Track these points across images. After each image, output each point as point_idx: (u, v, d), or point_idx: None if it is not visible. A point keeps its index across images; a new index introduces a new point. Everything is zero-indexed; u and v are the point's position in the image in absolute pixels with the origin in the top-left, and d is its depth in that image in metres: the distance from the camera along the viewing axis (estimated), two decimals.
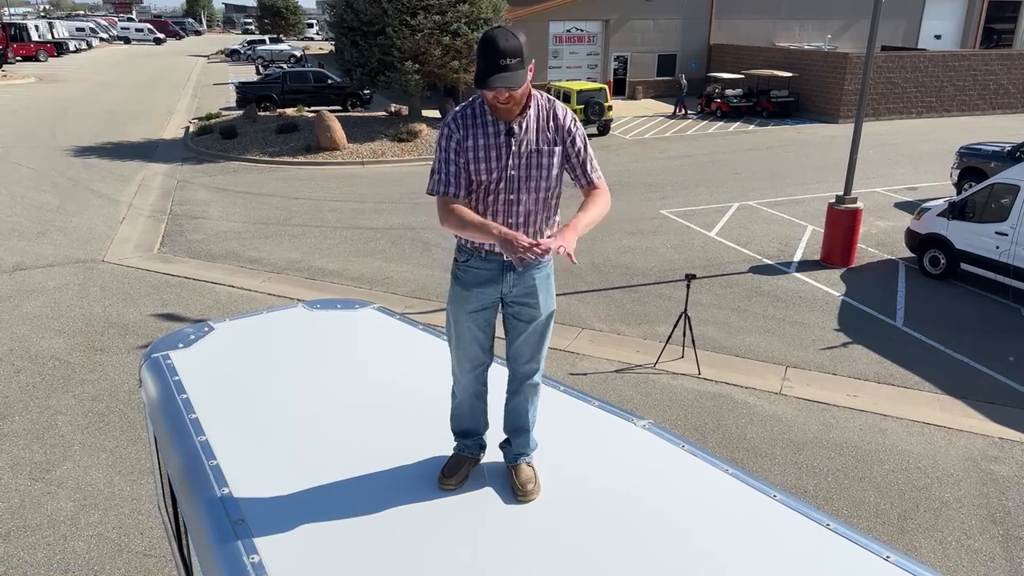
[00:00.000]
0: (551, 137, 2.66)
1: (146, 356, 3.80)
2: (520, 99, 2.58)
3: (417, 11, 21.48)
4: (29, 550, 5.87)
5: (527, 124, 2.64)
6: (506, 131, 2.62)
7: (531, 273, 2.72)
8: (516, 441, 2.82)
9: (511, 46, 2.45)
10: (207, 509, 2.54)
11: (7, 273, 11.85)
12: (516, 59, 2.46)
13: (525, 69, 2.50)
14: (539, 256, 2.41)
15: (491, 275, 2.71)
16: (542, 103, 2.68)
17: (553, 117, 2.68)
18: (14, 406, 8.00)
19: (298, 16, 72.14)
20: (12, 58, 47.68)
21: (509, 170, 2.63)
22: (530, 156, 2.64)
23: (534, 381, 2.85)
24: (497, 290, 2.73)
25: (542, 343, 2.82)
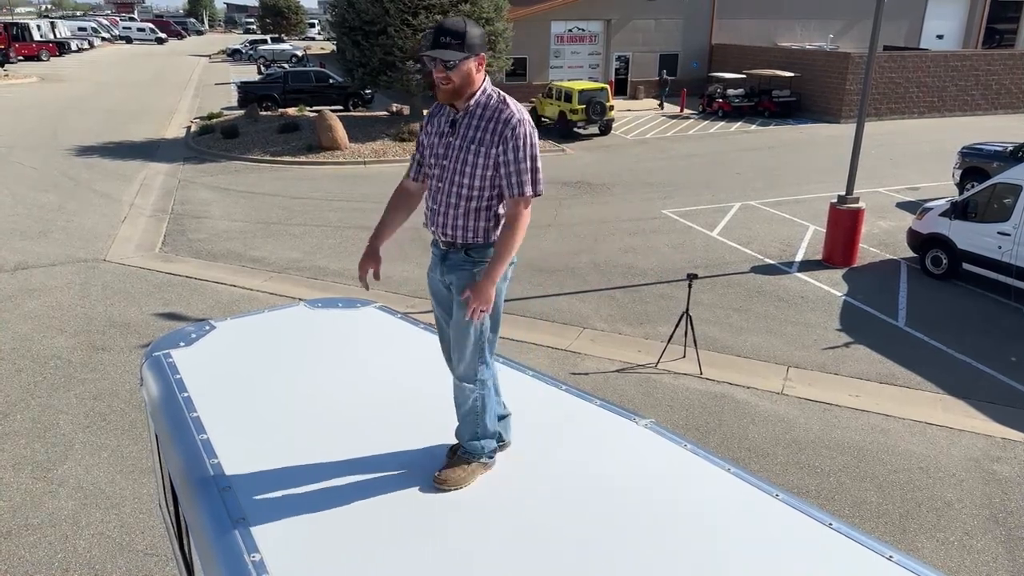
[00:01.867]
0: (488, 138, 2.65)
1: (147, 355, 3.79)
2: (458, 84, 2.63)
3: (419, 11, 21.48)
4: (30, 549, 5.88)
5: (470, 119, 2.70)
6: (449, 121, 2.74)
7: (458, 269, 2.79)
8: (458, 434, 2.89)
9: (452, 28, 2.58)
10: (208, 507, 2.53)
11: (9, 272, 11.86)
12: (456, 41, 2.56)
13: (464, 54, 2.57)
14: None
15: (435, 260, 2.91)
16: (493, 102, 2.68)
17: (499, 120, 2.65)
18: (16, 405, 8.00)
19: (300, 16, 72.17)
20: (14, 58, 47.72)
21: (442, 159, 2.74)
22: (461, 150, 2.69)
23: (458, 380, 2.84)
24: (437, 275, 2.89)
25: (463, 341, 2.76)
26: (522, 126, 2.65)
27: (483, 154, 2.66)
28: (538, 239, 13.90)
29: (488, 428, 2.83)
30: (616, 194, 17.49)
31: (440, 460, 2.83)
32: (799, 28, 36.00)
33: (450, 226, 2.74)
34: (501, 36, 23.52)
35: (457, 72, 2.60)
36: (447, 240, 2.76)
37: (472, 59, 2.62)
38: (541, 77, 31.81)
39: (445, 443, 2.92)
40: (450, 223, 2.74)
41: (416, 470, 2.81)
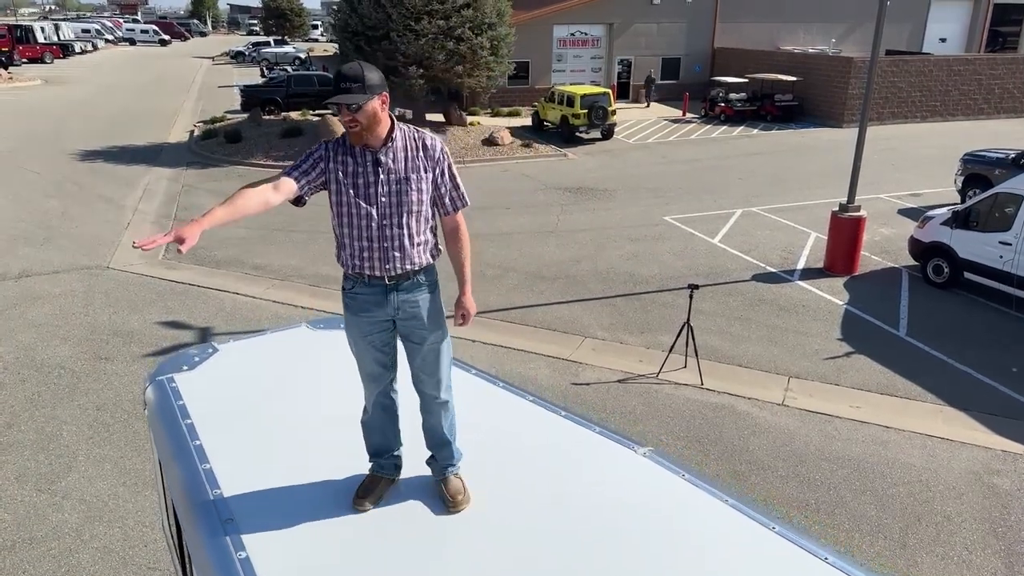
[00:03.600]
0: (421, 164, 2.87)
1: (151, 379, 3.83)
2: (365, 124, 2.75)
3: (421, 16, 21.53)
4: (34, 563, 5.91)
5: (395, 154, 2.83)
6: (373, 160, 2.82)
7: (413, 295, 2.90)
8: (439, 455, 2.97)
9: (352, 73, 2.73)
10: (210, 540, 2.56)
11: (13, 280, 11.92)
12: (356, 84, 2.70)
13: (367, 96, 2.71)
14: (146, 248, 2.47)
15: (376, 299, 2.90)
16: (409, 134, 2.89)
17: (425, 146, 2.89)
18: (19, 416, 8.04)
19: (303, 18, 72.27)
20: (18, 60, 47.89)
21: (378, 196, 2.81)
22: (400, 183, 2.82)
23: (441, 399, 2.98)
24: (385, 312, 2.91)
25: (438, 363, 2.96)
26: (444, 147, 2.95)
27: (423, 179, 2.86)
28: (539, 246, 13.93)
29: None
30: (618, 200, 17.52)
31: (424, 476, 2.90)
32: (802, 32, 36.00)
33: (406, 257, 2.86)
34: (503, 41, 23.57)
35: (363, 113, 2.73)
36: (400, 272, 2.85)
37: (375, 98, 2.74)
38: (543, 81, 31.86)
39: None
40: (406, 254, 2.86)
41: (421, 493, 2.86)
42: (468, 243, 3.07)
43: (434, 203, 2.96)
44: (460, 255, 3.05)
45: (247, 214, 2.68)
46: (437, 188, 2.93)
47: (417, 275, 2.90)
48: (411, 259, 2.86)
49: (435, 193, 2.94)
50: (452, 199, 2.97)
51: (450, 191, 2.96)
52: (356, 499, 2.79)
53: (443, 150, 2.94)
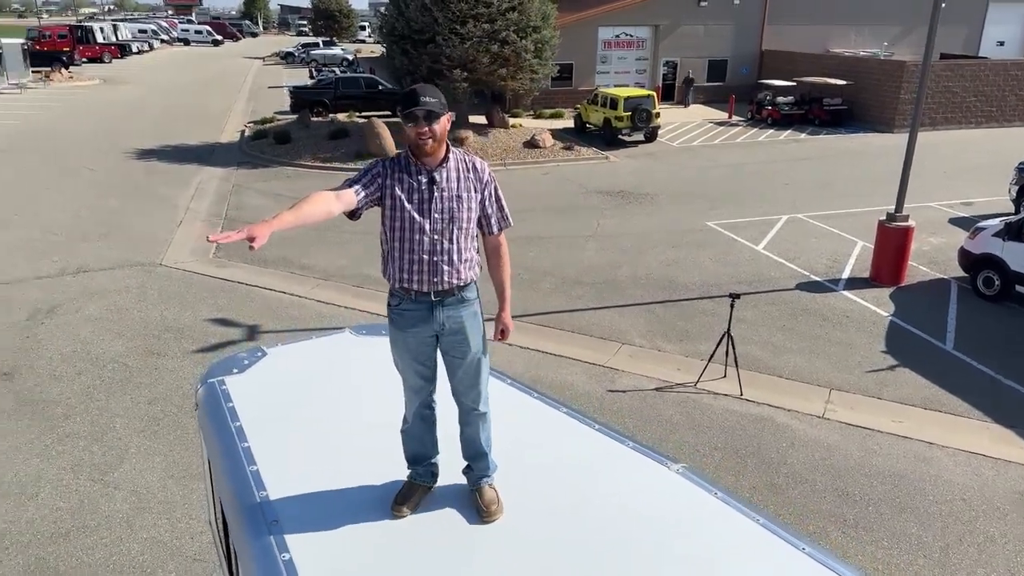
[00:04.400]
0: (471, 185, 3.04)
1: (202, 380, 4.00)
2: (439, 137, 2.92)
3: (467, 19, 21.70)
4: (87, 551, 6.19)
5: (448, 174, 2.99)
6: (428, 179, 2.96)
7: (457, 311, 3.02)
8: (476, 466, 3.07)
9: (429, 91, 2.93)
10: (256, 541, 2.69)
11: (71, 275, 12.41)
12: (434, 99, 2.90)
13: (442, 113, 2.91)
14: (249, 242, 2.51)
15: (422, 315, 3.01)
16: (461, 156, 3.05)
17: (474, 168, 3.06)
18: (75, 407, 8.40)
19: (351, 19, 73.33)
20: (78, 60, 49.58)
21: (432, 212, 2.95)
22: (453, 200, 2.98)
23: (480, 411, 3.09)
24: (430, 328, 3.02)
25: (479, 376, 3.08)
26: (490, 169, 3.14)
27: (473, 199, 3.02)
28: (578, 251, 13.96)
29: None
30: (659, 204, 17.44)
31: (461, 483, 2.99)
32: (853, 34, 35.25)
33: (455, 273, 2.99)
34: (547, 44, 23.61)
35: (439, 126, 2.91)
36: (445, 288, 2.97)
37: (445, 116, 2.94)
38: (587, 83, 31.80)
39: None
40: (454, 269, 2.98)
41: (456, 502, 2.96)
42: (509, 262, 3.21)
43: (479, 223, 3.11)
44: (501, 273, 3.19)
45: (310, 221, 2.80)
46: (484, 209, 3.10)
47: (462, 291, 3.02)
48: (458, 275, 2.99)
49: (482, 213, 3.10)
50: (498, 219, 3.14)
51: (496, 212, 3.13)
52: (394, 505, 2.90)
53: (491, 174, 3.12)
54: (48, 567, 5.99)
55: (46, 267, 12.71)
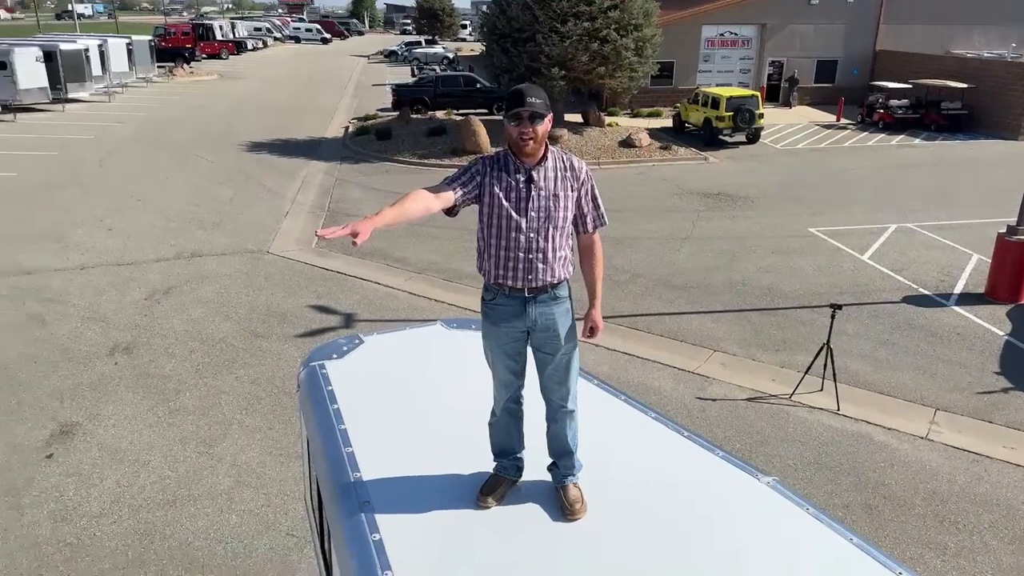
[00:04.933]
0: (568, 184, 3.07)
1: (304, 364, 4.20)
2: (540, 138, 2.96)
3: (568, 18, 21.70)
4: (191, 519, 6.60)
5: (546, 173, 3.03)
6: (527, 177, 3.00)
7: (550, 308, 3.05)
8: (562, 463, 3.09)
9: (535, 92, 2.97)
10: (349, 520, 2.82)
11: (186, 259, 13.23)
12: (539, 100, 2.94)
13: (546, 114, 2.95)
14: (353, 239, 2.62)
15: (514, 310, 3.05)
16: (558, 155, 3.08)
17: (572, 167, 3.09)
18: (186, 383, 8.96)
19: (453, 18, 74.60)
20: (199, 56, 52.66)
21: (528, 211, 3.00)
22: (550, 199, 3.01)
23: (568, 408, 3.11)
24: (522, 323, 3.06)
25: (568, 374, 3.11)
26: (588, 169, 3.17)
27: (569, 198, 3.06)
28: (671, 253, 13.74)
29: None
30: (759, 208, 16.92)
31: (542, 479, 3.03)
32: (977, 35, 33.04)
33: (549, 271, 3.02)
34: (649, 42, 23.31)
35: (542, 127, 2.95)
36: (539, 285, 3.02)
37: (548, 116, 2.98)
38: (688, 82, 31.18)
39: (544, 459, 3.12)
40: (550, 267, 3.02)
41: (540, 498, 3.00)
42: (602, 261, 3.22)
43: (574, 221, 3.14)
44: (594, 272, 3.20)
45: (410, 219, 2.90)
46: (580, 207, 3.13)
47: (555, 288, 3.06)
48: (552, 273, 3.03)
49: (577, 212, 3.13)
50: (594, 218, 3.17)
51: (592, 211, 3.15)
52: (480, 495, 2.96)
53: (588, 172, 3.14)
54: (156, 532, 6.43)
55: (164, 251, 13.61)
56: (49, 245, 13.70)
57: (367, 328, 9.20)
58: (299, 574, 5.97)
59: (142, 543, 6.27)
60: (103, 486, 6.99)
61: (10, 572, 5.89)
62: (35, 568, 5.97)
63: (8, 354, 9.51)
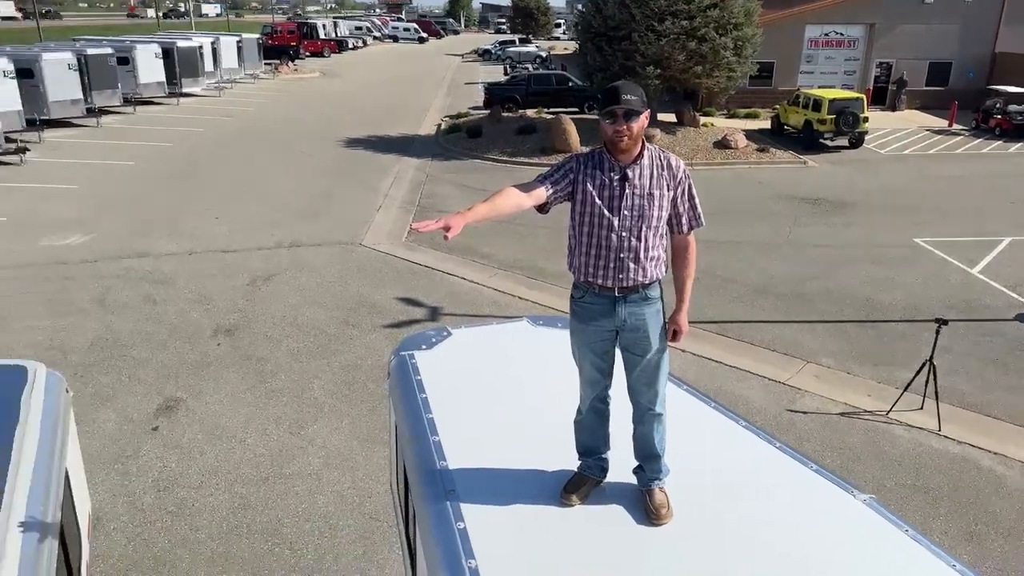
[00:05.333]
0: (664, 183, 3.01)
1: (395, 353, 4.31)
2: (635, 136, 2.93)
3: (665, 16, 21.36)
4: (283, 496, 6.90)
5: (641, 171, 2.98)
6: (621, 175, 2.96)
7: (640, 308, 3.01)
8: (648, 467, 3.05)
9: (631, 89, 2.94)
10: (435, 507, 2.88)
11: (287, 249, 13.81)
12: (635, 98, 2.90)
13: (642, 112, 2.91)
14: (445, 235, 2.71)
15: (603, 309, 3.02)
16: (655, 153, 3.03)
17: (669, 166, 3.03)
18: (281, 366, 9.36)
19: (548, 17, 74.73)
20: (303, 54, 54.78)
21: (621, 210, 2.95)
22: (644, 198, 2.97)
23: (656, 412, 3.06)
24: (611, 323, 3.03)
25: (656, 376, 3.06)
26: (686, 168, 3.10)
27: (665, 197, 3.01)
28: (765, 259, 13.33)
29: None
30: (861, 215, 16.18)
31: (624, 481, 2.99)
32: None
33: (640, 270, 2.98)
34: (749, 41, 22.68)
35: (637, 125, 2.91)
36: (630, 285, 2.98)
37: (644, 114, 2.94)
38: (788, 83, 30.10)
39: (624, 460, 3.09)
40: (641, 267, 2.98)
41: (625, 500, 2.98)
42: (695, 263, 3.15)
43: (669, 221, 3.07)
44: (685, 273, 3.14)
45: (502, 215, 2.93)
46: (676, 207, 3.06)
47: (646, 289, 3.01)
48: (643, 273, 2.98)
49: (673, 211, 3.06)
50: (689, 218, 3.09)
51: (688, 211, 3.08)
52: (564, 493, 2.97)
53: (685, 171, 3.07)
54: (249, 506, 6.75)
55: (266, 240, 14.24)
56: (162, 231, 14.58)
57: (452, 322, 9.36)
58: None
59: (236, 516, 6.60)
60: (203, 460, 7.39)
61: (117, 535, 6.31)
62: (139, 532, 6.38)
63: (123, 330, 10.20)
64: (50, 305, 10.95)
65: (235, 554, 6.14)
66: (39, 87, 23.47)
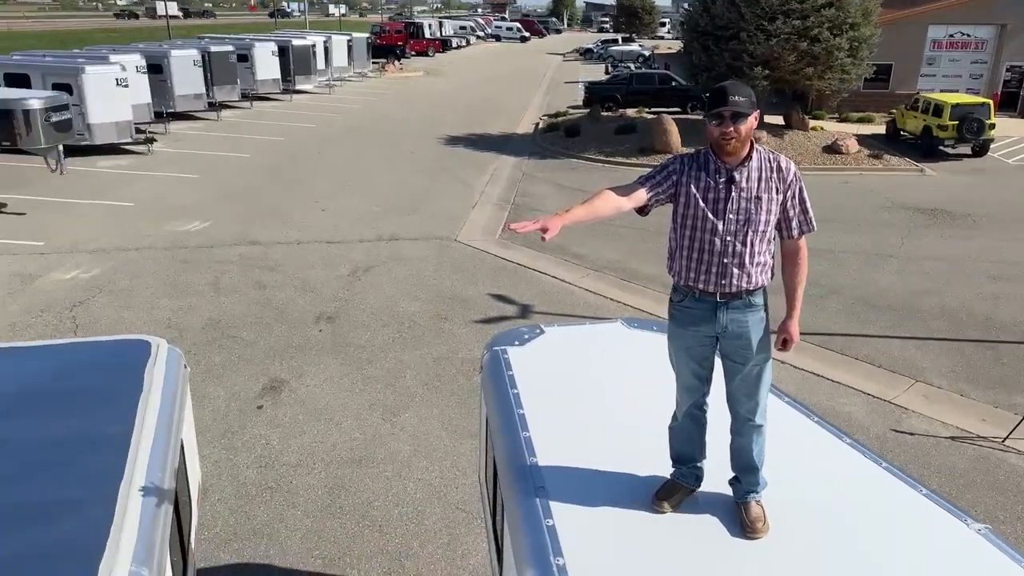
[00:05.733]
0: (774, 185, 2.91)
1: (488, 347, 4.37)
2: (743, 139, 2.85)
3: (776, 15, 20.65)
4: (373, 479, 7.12)
5: (748, 173, 2.89)
6: (727, 177, 2.88)
7: (743, 315, 2.92)
8: (744, 479, 2.95)
9: (740, 88, 2.87)
10: (524, 503, 2.90)
11: (385, 242, 14.23)
12: (744, 98, 2.82)
13: (750, 113, 2.82)
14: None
15: (704, 315, 2.95)
16: (765, 155, 2.94)
17: (779, 168, 2.93)
18: (377, 355, 9.65)
19: (653, 16, 73.69)
20: (409, 53, 56.22)
21: (728, 213, 2.87)
22: (751, 201, 2.88)
23: (755, 423, 2.95)
24: (711, 329, 2.95)
25: (758, 386, 2.96)
26: (798, 171, 2.99)
27: (774, 200, 2.91)
28: (874, 270, 12.68)
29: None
30: (982, 228, 15.14)
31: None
32: None
33: (745, 276, 2.89)
34: (865, 42, 21.63)
35: (745, 126, 2.83)
36: (733, 291, 2.89)
37: (753, 114, 2.86)
38: (907, 86, 28.51)
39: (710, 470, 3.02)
40: (746, 272, 2.89)
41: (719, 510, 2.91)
42: (806, 269, 3.04)
43: (779, 226, 2.97)
44: (795, 280, 3.03)
45: (600, 217, 2.92)
46: (786, 211, 2.96)
47: (750, 295, 2.93)
48: (748, 279, 2.90)
49: (782, 215, 2.97)
50: (800, 223, 2.99)
51: (799, 215, 2.98)
52: (655, 499, 2.92)
53: (796, 174, 2.97)
54: (342, 487, 7.00)
55: (367, 232, 14.72)
56: (272, 220, 15.32)
57: (542, 320, 9.39)
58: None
59: (330, 496, 6.86)
60: (301, 440, 7.73)
61: (220, 506, 6.69)
62: (240, 504, 6.73)
63: (235, 313, 10.78)
64: (170, 286, 11.71)
65: (328, 532, 6.39)
66: (167, 82, 25.12)
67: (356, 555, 6.14)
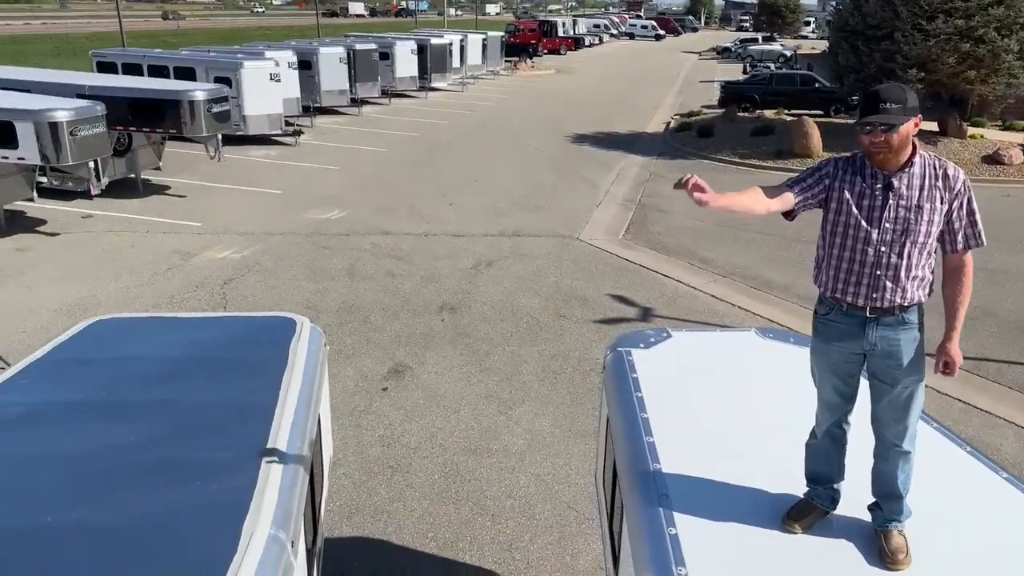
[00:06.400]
0: (938, 195, 2.71)
1: (611, 348, 4.34)
2: (897, 147, 2.66)
3: (936, 15, 19.18)
4: (487, 469, 7.24)
5: (909, 180, 2.71)
6: (884, 184, 2.71)
7: (895, 333, 2.69)
8: (887, 506, 2.75)
9: (892, 95, 2.65)
10: (646, 510, 2.86)
11: (508, 237, 14.42)
12: (897, 105, 2.63)
13: (905, 118, 2.63)
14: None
15: (851, 330, 2.78)
16: (929, 161, 2.74)
17: (946, 176, 2.73)
18: (496, 346, 9.81)
19: (796, 14, 70.44)
20: (541, 51, 56.64)
21: (884, 222, 2.70)
22: (910, 210, 2.70)
23: (903, 448, 2.73)
24: (858, 345, 2.76)
25: (908, 410, 2.73)
26: (967, 180, 2.78)
27: (936, 211, 2.71)
28: None
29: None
30: None
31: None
32: None
33: (899, 291, 2.71)
34: None
35: (897, 136, 2.66)
36: (884, 306, 2.71)
37: (910, 121, 2.66)
38: None
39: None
40: (899, 286, 2.71)
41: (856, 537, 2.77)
42: (970, 287, 2.79)
43: (942, 238, 2.76)
44: (958, 298, 2.79)
45: (749, 212, 2.84)
46: (950, 222, 2.75)
47: (903, 312, 2.74)
48: (902, 293, 2.71)
49: (946, 227, 2.76)
50: (966, 236, 2.76)
51: (965, 227, 2.75)
52: (787, 519, 2.80)
53: (965, 183, 2.76)
54: (457, 474, 7.17)
55: (491, 227, 14.98)
56: (404, 212, 15.90)
57: (663, 324, 9.20)
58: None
59: (446, 481, 7.05)
60: (422, 424, 7.99)
61: (345, 480, 7.02)
62: (364, 480, 7.04)
63: (366, 298, 11.29)
64: (310, 270, 12.42)
65: (442, 516, 6.57)
66: (315, 78, 26.58)
67: (469, 541, 6.28)
